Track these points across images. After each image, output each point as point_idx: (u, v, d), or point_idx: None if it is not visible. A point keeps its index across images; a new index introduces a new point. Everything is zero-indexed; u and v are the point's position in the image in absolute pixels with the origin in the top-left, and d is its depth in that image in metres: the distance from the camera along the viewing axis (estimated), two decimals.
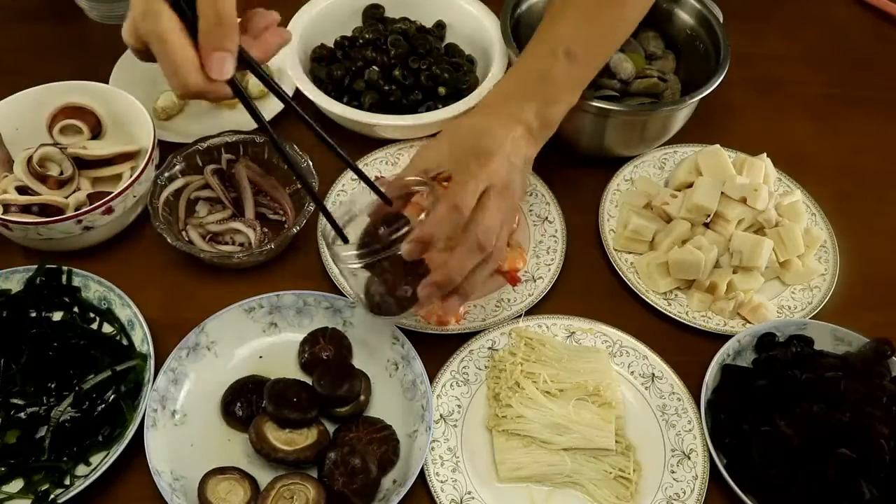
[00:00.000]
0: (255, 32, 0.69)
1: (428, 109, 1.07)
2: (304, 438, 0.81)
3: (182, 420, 0.84)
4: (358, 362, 0.89)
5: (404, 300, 0.81)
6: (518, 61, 0.90)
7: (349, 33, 1.15)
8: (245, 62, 0.66)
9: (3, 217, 0.89)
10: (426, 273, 0.78)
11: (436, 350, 0.89)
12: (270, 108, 1.09)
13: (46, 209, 0.91)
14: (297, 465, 0.80)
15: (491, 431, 0.85)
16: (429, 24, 1.17)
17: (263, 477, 0.81)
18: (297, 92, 1.06)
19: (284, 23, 1.10)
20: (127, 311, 0.88)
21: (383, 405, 0.86)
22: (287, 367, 0.89)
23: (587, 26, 0.90)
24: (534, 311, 0.93)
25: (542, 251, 0.98)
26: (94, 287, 0.90)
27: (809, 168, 1.09)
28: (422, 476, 0.81)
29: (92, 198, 0.94)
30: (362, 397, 0.85)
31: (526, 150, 0.84)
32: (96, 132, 1.01)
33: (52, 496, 0.77)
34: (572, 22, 0.89)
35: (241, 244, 0.96)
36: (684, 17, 1.11)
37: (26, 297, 0.89)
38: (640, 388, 0.89)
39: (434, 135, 1.05)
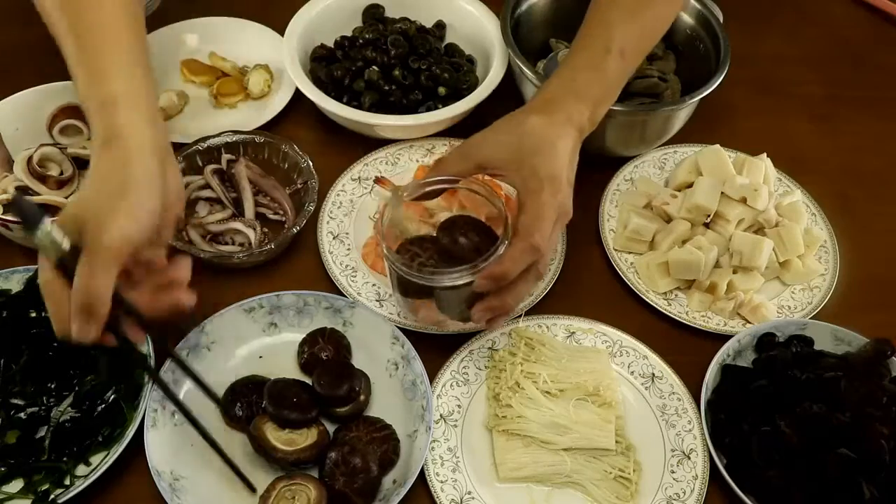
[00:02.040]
0: (161, 278, 0.74)
1: (428, 109, 1.07)
2: (304, 439, 0.81)
3: (182, 420, 0.84)
4: (358, 362, 0.89)
5: (455, 314, 0.84)
6: (571, 57, 0.89)
7: (349, 33, 1.15)
8: (131, 314, 0.73)
9: (3, 217, 0.89)
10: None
11: (436, 350, 0.89)
12: (272, 108, 1.09)
13: (46, 209, 0.91)
14: (298, 465, 0.80)
15: (491, 431, 0.85)
16: (429, 24, 1.17)
17: (264, 477, 0.81)
18: (297, 92, 1.06)
19: (285, 22, 1.11)
20: None
21: (383, 405, 0.86)
22: (287, 368, 0.89)
23: (635, 23, 0.90)
24: (534, 311, 0.93)
25: None
26: None
27: (809, 168, 1.09)
28: (422, 476, 0.81)
29: None
30: (362, 397, 0.85)
31: (576, 163, 0.84)
32: None
33: (52, 496, 0.77)
34: (620, 19, 0.89)
35: (241, 244, 0.96)
36: (684, 17, 1.11)
37: (26, 297, 0.89)
38: (640, 388, 0.89)
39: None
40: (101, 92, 0.74)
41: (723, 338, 0.91)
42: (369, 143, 1.06)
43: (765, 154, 1.04)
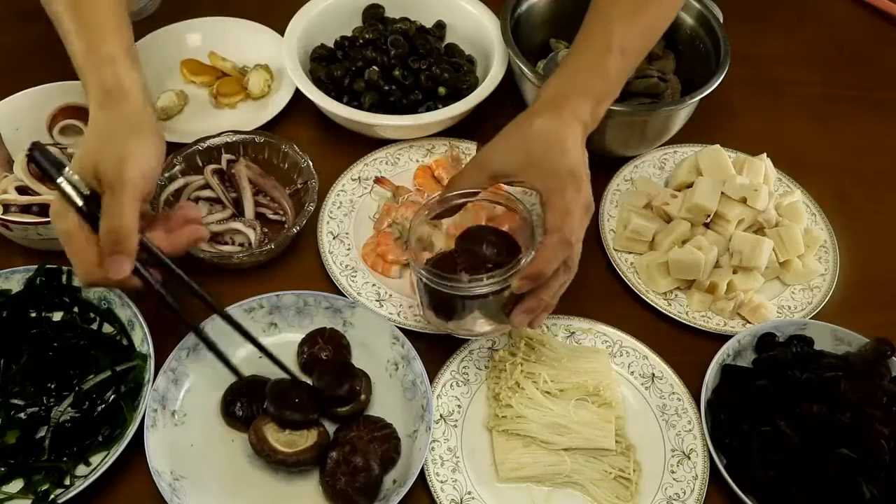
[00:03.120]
0: (174, 224, 0.79)
1: (428, 109, 1.07)
2: (304, 440, 0.81)
3: (182, 420, 0.84)
4: (358, 362, 0.89)
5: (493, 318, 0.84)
6: (572, 55, 0.90)
7: (349, 33, 1.15)
8: (153, 255, 0.76)
9: (3, 217, 0.89)
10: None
11: (436, 350, 0.89)
12: (272, 108, 1.09)
13: (46, 209, 0.91)
14: (298, 466, 0.80)
15: (491, 431, 0.85)
16: (429, 24, 1.17)
17: (264, 476, 0.81)
18: (297, 92, 1.06)
19: (285, 22, 1.11)
20: (127, 311, 0.88)
21: (383, 405, 0.86)
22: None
23: (636, 22, 0.90)
24: None
25: None
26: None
27: (809, 168, 1.09)
28: (422, 476, 0.81)
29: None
30: (363, 396, 0.85)
31: (587, 159, 0.84)
32: None
33: (52, 496, 0.77)
34: (622, 18, 0.89)
35: (241, 244, 0.96)
36: (684, 16, 1.10)
37: (26, 297, 0.89)
38: (640, 388, 0.89)
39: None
40: (101, 53, 0.80)
41: (723, 338, 0.91)
42: (369, 143, 1.06)
43: (765, 154, 1.04)
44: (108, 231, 0.71)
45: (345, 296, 0.92)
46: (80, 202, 0.72)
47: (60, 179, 0.71)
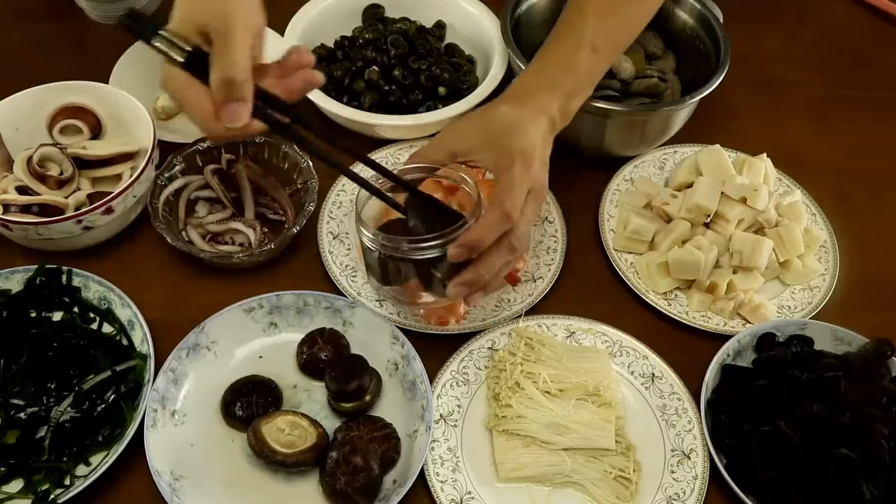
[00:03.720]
0: (286, 71, 0.74)
1: (428, 109, 1.07)
2: (303, 441, 0.81)
3: (182, 420, 0.84)
4: None
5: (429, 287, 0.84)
6: (544, 50, 0.90)
7: (349, 33, 1.15)
8: (271, 103, 0.71)
9: (3, 217, 0.89)
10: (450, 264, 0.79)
11: (436, 350, 0.89)
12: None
13: (46, 209, 0.91)
14: (298, 466, 0.80)
15: (491, 431, 0.85)
16: (429, 24, 1.17)
17: (264, 476, 0.81)
18: None
19: (285, 22, 1.11)
20: (127, 311, 0.88)
21: (384, 405, 0.86)
22: (287, 368, 0.89)
23: (610, 20, 0.90)
24: (534, 311, 0.93)
25: (542, 251, 0.98)
26: (94, 287, 0.90)
27: (809, 168, 1.09)
28: (422, 476, 0.81)
29: (92, 198, 0.94)
30: (367, 397, 0.84)
31: (548, 150, 0.85)
32: (96, 132, 1.01)
33: (52, 496, 0.77)
34: (596, 15, 0.89)
35: (241, 244, 0.96)
36: (684, 16, 1.11)
37: (26, 297, 0.89)
38: (640, 388, 0.89)
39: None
40: None
41: (723, 338, 0.91)
42: (369, 143, 1.06)
43: (765, 154, 1.04)
44: (220, 80, 0.67)
45: (345, 296, 0.92)
46: (181, 59, 0.68)
47: (158, 39, 0.67)
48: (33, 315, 0.89)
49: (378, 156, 1.05)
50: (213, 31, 0.68)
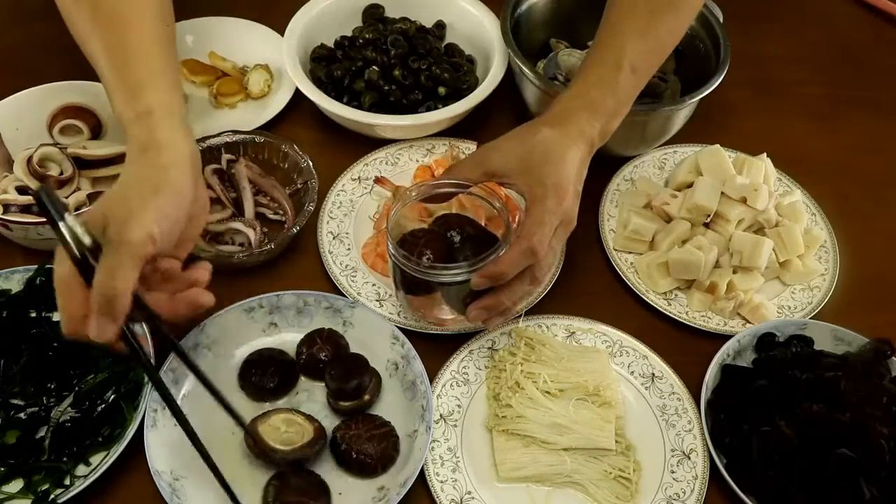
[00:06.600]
0: (178, 286, 0.76)
1: (428, 109, 1.07)
2: (300, 437, 0.81)
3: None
4: None
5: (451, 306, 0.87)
6: (585, 69, 0.90)
7: (349, 33, 1.15)
8: (148, 316, 0.73)
9: (3, 217, 0.89)
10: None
11: (436, 350, 0.89)
12: (272, 108, 1.09)
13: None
14: (297, 463, 0.80)
15: (491, 431, 0.85)
16: (429, 24, 1.17)
17: (264, 476, 0.81)
18: (297, 92, 1.06)
19: (285, 22, 1.11)
20: None
21: (383, 405, 0.86)
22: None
23: (647, 38, 0.90)
24: (534, 311, 0.93)
25: None
26: None
27: (809, 168, 1.09)
28: (422, 476, 0.81)
29: (92, 198, 0.94)
30: (366, 397, 0.84)
31: (583, 176, 0.85)
32: (96, 132, 1.01)
33: (52, 496, 0.77)
34: (632, 34, 0.89)
35: (241, 244, 0.96)
36: None
37: (26, 297, 0.89)
38: (640, 388, 0.89)
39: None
40: (139, 105, 0.77)
41: (723, 338, 0.91)
42: (369, 143, 1.06)
43: (765, 154, 1.04)
44: (98, 289, 0.67)
45: (345, 296, 0.92)
46: (77, 252, 0.67)
47: (62, 226, 0.67)
48: (33, 315, 0.89)
49: (378, 156, 1.05)
50: (110, 233, 0.68)
